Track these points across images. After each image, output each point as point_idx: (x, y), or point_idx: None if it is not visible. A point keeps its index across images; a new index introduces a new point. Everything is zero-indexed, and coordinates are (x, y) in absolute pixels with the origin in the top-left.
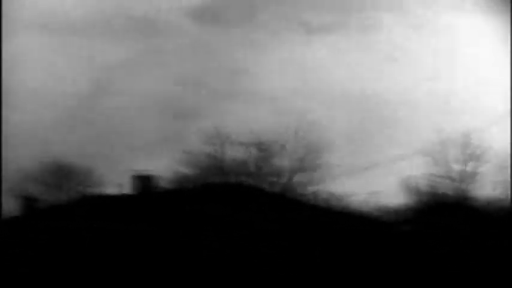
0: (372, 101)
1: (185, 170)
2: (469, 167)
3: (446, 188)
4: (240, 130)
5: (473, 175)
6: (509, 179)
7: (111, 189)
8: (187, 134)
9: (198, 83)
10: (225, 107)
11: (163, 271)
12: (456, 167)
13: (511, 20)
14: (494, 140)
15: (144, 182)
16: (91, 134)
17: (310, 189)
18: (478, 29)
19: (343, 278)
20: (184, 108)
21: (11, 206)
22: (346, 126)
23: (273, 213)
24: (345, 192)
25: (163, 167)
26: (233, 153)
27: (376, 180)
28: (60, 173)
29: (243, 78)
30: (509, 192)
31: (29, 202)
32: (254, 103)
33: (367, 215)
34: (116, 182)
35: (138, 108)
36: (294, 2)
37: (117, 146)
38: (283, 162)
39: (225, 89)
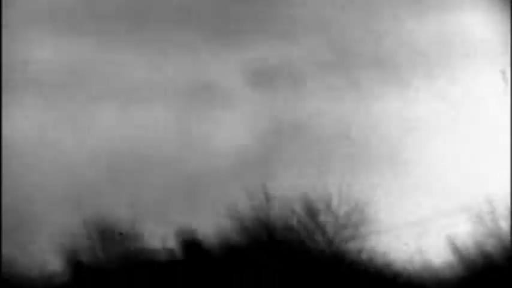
0: None
1: (229, 225)
2: None
3: (494, 246)
4: (285, 186)
5: None
6: None
7: (155, 243)
8: (233, 189)
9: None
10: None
11: None
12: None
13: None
14: None
15: (188, 237)
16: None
17: (354, 245)
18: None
19: None
20: None
21: (56, 264)
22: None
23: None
24: (388, 249)
25: (207, 220)
26: (278, 210)
27: (421, 236)
28: (104, 229)
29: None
30: None
31: (72, 256)
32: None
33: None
34: (160, 235)
35: None
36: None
37: (160, 198)
38: (327, 218)
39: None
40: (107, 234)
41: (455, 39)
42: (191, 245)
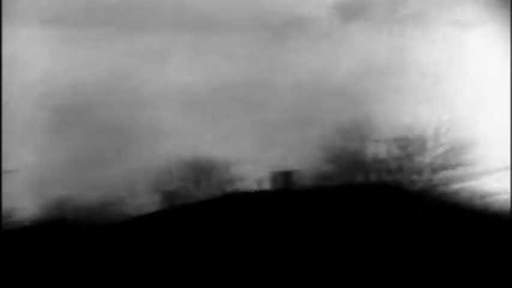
0: None
1: (325, 167)
2: None
3: None
4: (381, 127)
5: None
6: None
7: (250, 185)
8: (328, 131)
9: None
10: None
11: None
12: None
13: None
14: None
15: (284, 178)
16: (231, 128)
17: (452, 187)
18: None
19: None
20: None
21: (152, 202)
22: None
23: (414, 213)
24: (487, 191)
25: (304, 162)
26: (374, 151)
27: None
28: (200, 169)
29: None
30: None
31: (168, 198)
32: (397, 101)
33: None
34: (256, 177)
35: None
36: None
37: (257, 141)
38: (424, 159)
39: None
40: (202, 175)
41: None
42: (282, 174)
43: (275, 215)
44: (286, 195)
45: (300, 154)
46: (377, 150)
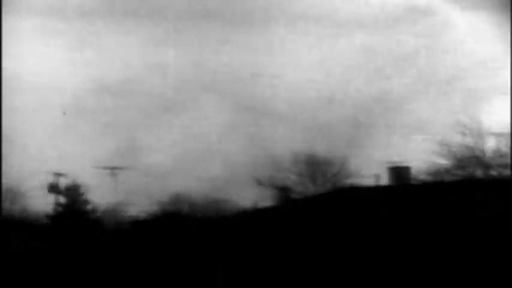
0: None
1: (442, 162)
2: None
3: None
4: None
5: None
6: None
7: (367, 181)
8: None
9: None
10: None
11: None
12: None
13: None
14: None
15: (401, 173)
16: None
17: None
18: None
19: None
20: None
21: (266, 196)
22: None
23: None
24: None
25: (419, 157)
26: (492, 145)
27: None
28: (315, 164)
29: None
30: None
31: (284, 193)
32: None
33: None
34: (372, 173)
35: None
36: None
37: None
38: None
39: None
40: (317, 170)
41: None
42: (399, 169)
43: (390, 209)
44: (402, 190)
45: (416, 150)
46: (495, 144)
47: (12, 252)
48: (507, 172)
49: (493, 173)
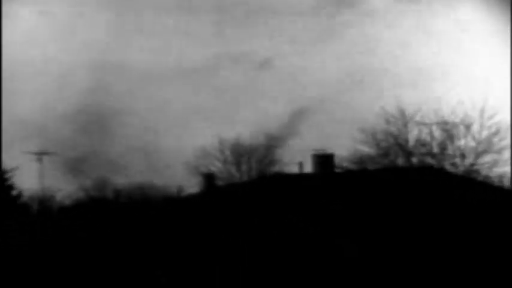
0: None
1: (366, 149)
2: None
3: None
4: (422, 109)
5: None
6: None
7: (291, 168)
8: (368, 112)
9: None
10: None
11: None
12: None
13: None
14: None
15: (324, 161)
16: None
17: (496, 171)
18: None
19: None
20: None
21: (192, 183)
22: None
23: (457, 196)
24: None
25: (343, 145)
26: (416, 133)
27: None
28: (240, 151)
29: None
30: None
31: (208, 179)
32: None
33: None
34: (296, 160)
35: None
36: None
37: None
38: (467, 143)
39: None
40: (242, 157)
41: None
42: (322, 157)
43: (314, 197)
44: (326, 177)
45: (340, 137)
46: (419, 133)
47: None
48: (428, 160)
49: (414, 160)
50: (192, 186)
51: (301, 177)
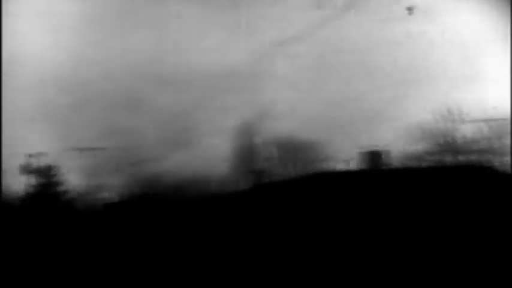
0: None
1: (415, 147)
2: None
3: None
4: (471, 107)
5: None
6: None
7: (341, 165)
8: (417, 109)
9: None
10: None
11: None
12: None
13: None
14: None
15: (374, 157)
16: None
17: None
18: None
19: None
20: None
21: (241, 180)
22: None
23: (505, 194)
24: None
25: (392, 142)
26: (464, 131)
27: None
28: (291, 148)
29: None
30: None
31: (258, 176)
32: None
33: None
34: (346, 157)
35: None
36: None
37: (349, 120)
38: None
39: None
40: (290, 154)
41: None
42: (371, 154)
43: (361, 194)
44: (373, 175)
45: (389, 134)
46: (467, 130)
47: None
48: (476, 158)
49: (462, 158)
50: (242, 182)
51: (348, 174)
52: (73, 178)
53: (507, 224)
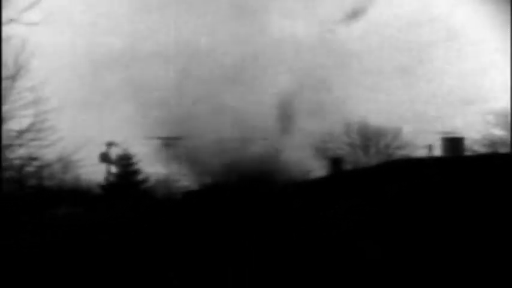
0: None
1: (497, 133)
2: None
3: None
4: None
5: None
6: None
7: (420, 152)
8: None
9: None
10: None
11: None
12: None
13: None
14: None
15: (454, 144)
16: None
17: None
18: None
19: None
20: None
21: (318, 166)
22: None
23: None
24: None
25: (474, 128)
26: None
27: None
28: (368, 135)
29: None
30: None
31: (335, 163)
32: None
33: None
34: (425, 143)
35: None
36: None
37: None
38: None
39: None
40: (370, 141)
41: None
42: (452, 140)
43: (443, 181)
44: (454, 161)
45: (471, 121)
46: None
47: (65, 222)
48: None
49: None
50: (320, 170)
51: (429, 161)
52: (151, 166)
53: None
